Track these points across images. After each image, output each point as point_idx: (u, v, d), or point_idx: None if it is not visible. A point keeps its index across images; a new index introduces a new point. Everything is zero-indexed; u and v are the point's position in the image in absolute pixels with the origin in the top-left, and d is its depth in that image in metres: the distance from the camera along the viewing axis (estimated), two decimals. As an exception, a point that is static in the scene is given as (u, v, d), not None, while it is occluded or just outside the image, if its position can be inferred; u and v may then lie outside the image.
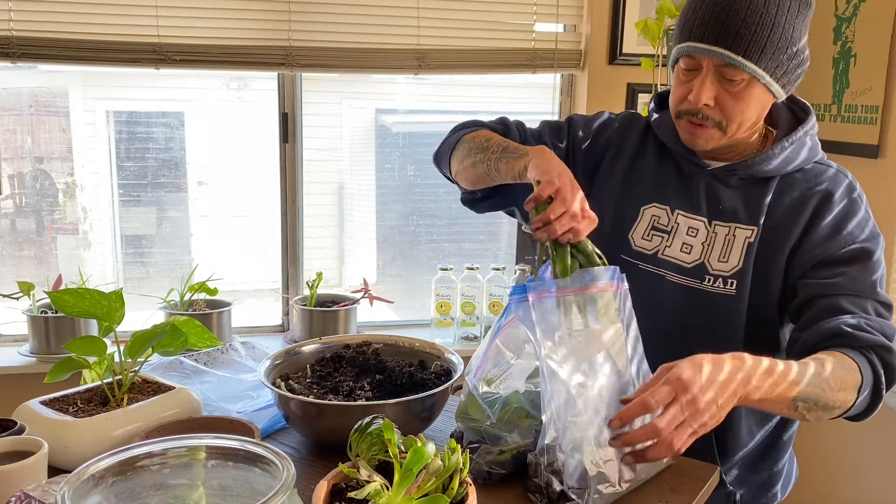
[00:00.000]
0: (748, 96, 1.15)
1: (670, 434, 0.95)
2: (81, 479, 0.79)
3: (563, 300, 1.05)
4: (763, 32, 1.11)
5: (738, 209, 1.24)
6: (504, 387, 1.08)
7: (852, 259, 1.19)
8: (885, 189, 2.18)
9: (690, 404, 0.95)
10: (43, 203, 2.53)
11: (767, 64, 1.13)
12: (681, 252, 1.27)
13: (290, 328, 2.61)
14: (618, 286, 1.10)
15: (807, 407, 1.07)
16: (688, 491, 1.08)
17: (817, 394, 1.06)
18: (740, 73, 1.13)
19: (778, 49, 1.12)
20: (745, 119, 1.18)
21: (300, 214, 2.57)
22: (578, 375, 1.02)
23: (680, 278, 1.26)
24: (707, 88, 1.15)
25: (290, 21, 2.31)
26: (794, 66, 1.17)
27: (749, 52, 1.11)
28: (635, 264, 1.29)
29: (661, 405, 0.95)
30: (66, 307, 1.20)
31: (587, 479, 0.99)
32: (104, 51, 2.21)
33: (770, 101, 1.20)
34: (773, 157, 1.23)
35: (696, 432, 0.97)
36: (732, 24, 1.11)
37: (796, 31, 1.14)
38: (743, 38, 1.11)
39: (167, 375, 1.42)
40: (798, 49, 1.15)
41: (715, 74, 1.15)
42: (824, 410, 1.09)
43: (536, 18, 2.48)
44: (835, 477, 2.46)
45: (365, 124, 2.80)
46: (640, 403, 0.96)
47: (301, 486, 1.02)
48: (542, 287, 1.03)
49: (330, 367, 1.31)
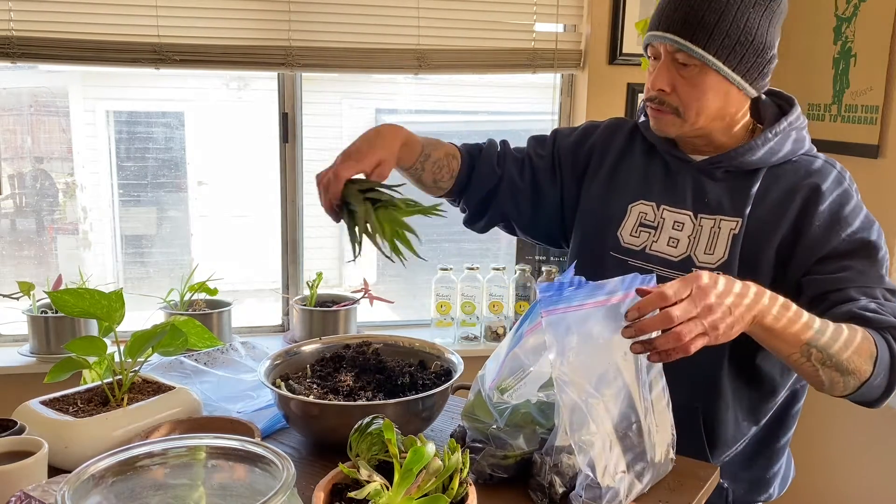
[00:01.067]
0: (702, 82, 1.20)
1: (682, 326, 0.95)
2: (81, 479, 0.79)
3: (582, 313, 1.02)
4: (710, 17, 1.16)
5: (723, 201, 1.26)
6: (517, 395, 1.07)
7: (856, 251, 1.19)
8: (885, 189, 2.18)
9: (703, 299, 0.97)
10: (43, 203, 2.53)
11: (719, 50, 1.17)
12: (668, 246, 1.29)
13: (290, 328, 2.61)
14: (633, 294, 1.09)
15: (820, 358, 1.06)
16: (688, 491, 1.08)
17: (831, 346, 1.06)
18: (691, 58, 1.18)
19: (729, 36, 1.17)
20: (702, 106, 1.21)
21: (300, 214, 2.57)
22: (592, 392, 1.01)
23: (668, 272, 1.27)
24: (662, 74, 1.22)
25: (290, 21, 2.31)
26: (753, 56, 1.19)
27: (696, 37, 1.17)
28: (625, 261, 1.32)
29: (677, 298, 0.96)
30: (66, 307, 1.20)
31: (600, 494, 0.99)
32: (104, 51, 2.21)
33: (736, 93, 1.23)
34: (756, 148, 1.24)
35: (706, 333, 0.97)
36: (683, 11, 1.18)
37: (751, 21, 1.18)
38: (691, 25, 1.17)
39: (167, 375, 1.42)
40: (756, 40, 1.19)
41: (670, 61, 1.21)
42: (839, 371, 1.08)
43: (536, 18, 2.48)
44: (832, 475, 2.46)
45: (365, 124, 2.79)
46: (657, 294, 0.96)
47: (301, 486, 1.02)
48: (560, 301, 1.01)
49: (330, 367, 1.31)
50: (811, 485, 2.54)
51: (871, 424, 2.30)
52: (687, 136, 1.28)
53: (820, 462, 2.49)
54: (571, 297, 1.00)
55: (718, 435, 1.29)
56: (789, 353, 1.07)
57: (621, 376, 1.04)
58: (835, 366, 1.08)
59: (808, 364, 1.07)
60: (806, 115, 2.43)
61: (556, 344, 0.98)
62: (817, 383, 1.12)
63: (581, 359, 1.00)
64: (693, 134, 1.27)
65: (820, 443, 2.49)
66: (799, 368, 1.10)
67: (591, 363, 1.01)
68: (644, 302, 0.97)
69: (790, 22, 2.56)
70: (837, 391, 1.12)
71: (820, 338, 1.06)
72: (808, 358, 1.07)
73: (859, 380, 1.10)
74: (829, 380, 1.09)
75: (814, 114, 2.43)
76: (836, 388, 1.11)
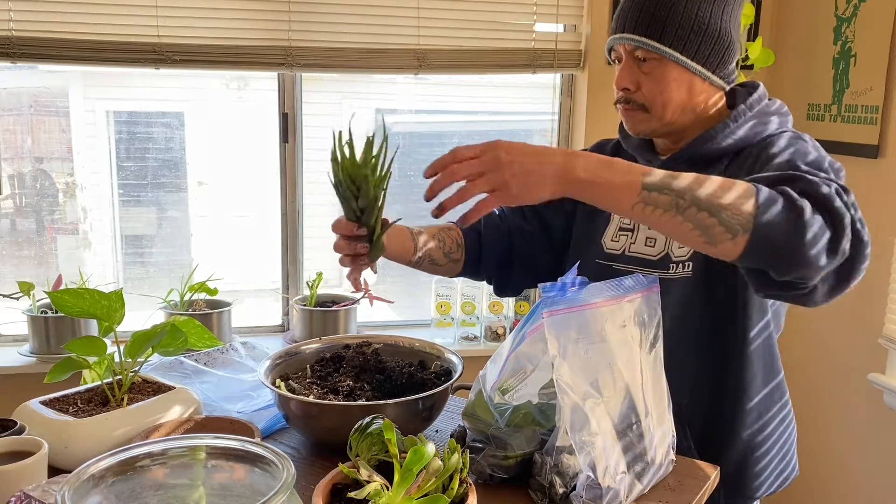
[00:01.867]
0: (663, 75, 1.23)
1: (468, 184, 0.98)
2: (81, 479, 0.79)
3: (584, 314, 1.02)
4: (662, 12, 1.21)
5: None
6: (518, 396, 1.08)
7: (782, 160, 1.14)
8: (885, 189, 2.18)
9: (494, 158, 0.97)
10: (43, 203, 2.53)
11: (674, 42, 1.21)
12: (645, 246, 1.31)
13: (290, 328, 2.61)
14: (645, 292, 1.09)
15: (670, 201, 0.97)
16: (688, 491, 1.08)
17: (681, 186, 0.97)
18: (650, 53, 1.22)
19: (682, 27, 1.20)
20: (667, 99, 1.24)
21: (300, 214, 2.57)
22: (592, 393, 1.01)
23: (649, 272, 1.28)
24: (625, 73, 1.25)
25: (290, 21, 2.31)
26: (709, 44, 1.22)
27: (650, 31, 1.21)
28: (609, 265, 1.34)
29: (466, 156, 0.99)
30: (66, 307, 1.20)
31: (600, 494, 0.99)
32: (104, 51, 2.21)
33: (700, 83, 1.25)
34: (714, 136, 1.25)
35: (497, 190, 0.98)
36: (636, 11, 1.23)
37: (703, 10, 1.21)
38: (644, 21, 1.22)
39: (167, 375, 1.42)
40: (710, 29, 1.21)
41: (631, 60, 1.25)
42: (706, 211, 0.97)
43: (536, 18, 2.48)
44: (829, 472, 2.46)
45: (365, 124, 2.80)
46: (450, 153, 1.00)
47: (301, 486, 1.02)
48: (562, 301, 1.01)
49: (330, 367, 1.31)
50: (808, 483, 2.54)
51: (868, 421, 2.30)
52: (660, 132, 1.30)
53: (817, 459, 2.49)
54: (574, 298, 1.00)
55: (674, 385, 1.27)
56: (631, 203, 0.98)
57: (622, 377, 1.04)
58: (693, 203, 0.97)
59: (661, 214, 0.98)
60: (806, 115, 2.45)
61: (558, 344, 0.98)
62: (693, 239, 1.00)
63: (582, 359, 1.00)
64: (665, 130, 1.29)
65: (816, 438, 2.49)
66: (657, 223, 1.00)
67: (593, 364, 1.02)
68: (437, 160, 1.00)
69: (790, 22, 2.57)
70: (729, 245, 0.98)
71: (663, 180, 0.98)
72: (656, 205, 0.97)
73: (743, 216, 0.96)
74: (703, 227, 0.97)
75: (814, 114, 2.43)
76: (722, 237, 0.98)
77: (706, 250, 1.02)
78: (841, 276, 1.04)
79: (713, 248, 1.00)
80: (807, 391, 2.53)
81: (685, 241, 1.03)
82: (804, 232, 0.96)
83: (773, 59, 2.20)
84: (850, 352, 2.36)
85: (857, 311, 2.32)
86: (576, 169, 0.98)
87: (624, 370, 1.04)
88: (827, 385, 2.46)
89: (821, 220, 0.98)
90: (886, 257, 2.17)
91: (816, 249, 0.97)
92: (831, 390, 2.44)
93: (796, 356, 2.57)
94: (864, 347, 2.29)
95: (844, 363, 2.38)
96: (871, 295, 2.26)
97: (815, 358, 2.50)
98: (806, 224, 0.96)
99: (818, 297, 1.06)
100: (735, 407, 1.29)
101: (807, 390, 2.53)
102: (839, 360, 2.41)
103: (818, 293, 1.05)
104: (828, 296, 1.07)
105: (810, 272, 0.99)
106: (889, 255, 2.16)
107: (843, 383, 2.39)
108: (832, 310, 2.40)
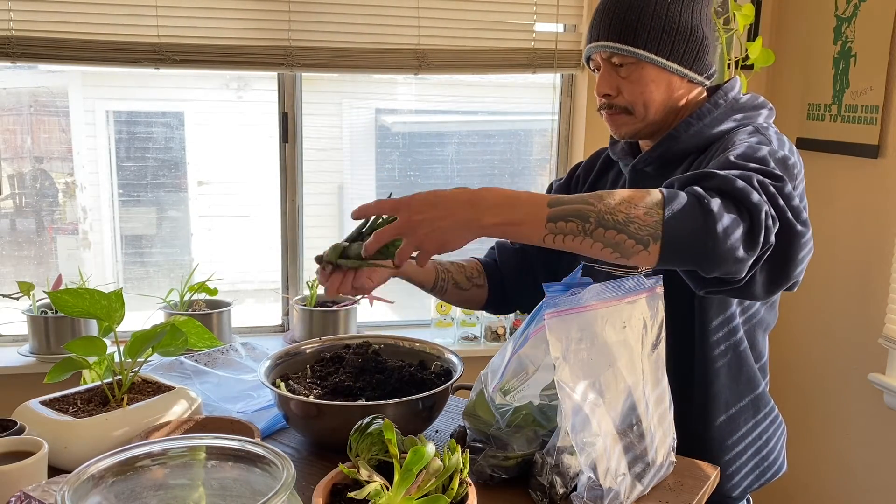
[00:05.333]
0: (641, 77, 1.25)
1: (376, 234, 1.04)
2: (81, 479, 0.79)
3: (585, 315, 1.02)
4: (632, 16, 1.23)
5: None
6: (519, 397, 1.08)
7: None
8: (885, 189, 2.18)
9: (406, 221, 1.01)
10: (43, 203, 2.53)
11: (647, 43, 1.23)
12: None
13: (290, 328, 2.61)
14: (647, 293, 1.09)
15: (576, 227, 0.98)
16: (688, 491, 1.08)
17: (585, 210, 0.98)
18: (625, 57, 1.24)
19: (653, 28, 1.23)
20: (648, 99, 1.26)
21: (300, 214, 2.57)
22: (594, 394, 1.01)
23: (622, 271, 1.31)
24: (604, 80, 1.28)
25: (290, 21, 2.31)
26: (683, 42, 1.24)
27: (623, 37, 1.24)
28: (591, 265, 1.36)
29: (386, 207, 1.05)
30: (66, 307, 1.20)
31: (601, 495, 0.99)
32: (104, 51, 2.21)
33: (679, 81, 1.26)
34: (677, 135, 1.27)
35: (415, 246, 1.01)
36: (608, 19, 1.26)
37: (672, 10, 1.23)
38: (616, 28, 1.24)
39: (167, 376, 1.43)
40: (681, 27, 1.23)
41: (609, 67, 1.28)
42: (613, 229, 0.98)
43: (536, 18, 2.48)
44: (829, 473, 2.46)
45: (365, 124, 2.80)
46: (374, 203, 1.05)
47: (301, 486, 1.02)
48: (564, 302, 1.00)
49: (330, 367, 1.31)
50: (798, 478, 2.54)
51: (866, 419, 2.30)
52: (644, 133, 1.31)
53: (820, 460, 2.49)
54: (575, 299, 1.00)
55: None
56: (541, 236, 1.00)
57: (624, 378, 1.04)
58: (599, 224, 0.98)
59: (571, 240, 0.99)
60: (806, 115, 2.45)
61: (560, 346, 0.98)
62: (608, 256, 1.01)
63: (584, 360, 1.00)
64: (650, 130, 1.30)
65: (812, 435, 2.49)
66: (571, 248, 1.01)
67: (594, 365, 1.01)
68: (362, 207, 1.07)
69: (790, 22, 2.57)
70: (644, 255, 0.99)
71: (566, 207, 0.99)
72: (564, 233, 0.98)
73: (650, 226, 0.98)
74: (613, 244, 0.99)
75: (814, 114, 2.43)
76: (634, 250, 0.99)
77: (620, 262, 1.04)
78: (776, 266, 1.05)
79: (628, 262, 1.02)
80: (807, 391, 2.53)
81: (603, 259, 1.03)
82: (714, 228, 0.97)
83: (773, 59, 2.20)
84: (850, 352, 2.36)
85: (857, 311, 2.32)
86: (483, 217, 0.99)
87: (625, 371, 1.04)
88: (827, 385, 2.46)
89: (734, 215, 0.99)
90: (886, 257, 2.17)
91: (730, 243, 0.98)
92: (831, 390, 2.44)
93: (796, 356, 2.57)
94: (864, 347, 2.29)
95: (844, 363, 2.38)
96: (871, 295, 2.26)
97: (816, 358, 2.50)
98: (715, 220, 0.97)
99: (757, 289, 1.07)
100: (704, 397, 1.28)
101: (807, 390, 2.53)
102: (839, 360, 2.41)
103: (756, 286, 1.06)
104: (768, 287, 1.07)
105: (732, 266, 0.99)
106: (889, 255, 2.16)
107: (843, 383, 2.39)
108: (832, 310, 2.41)
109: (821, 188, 2.43)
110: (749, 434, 1.32)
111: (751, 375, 1.31)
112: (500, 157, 2.81)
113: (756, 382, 1.32)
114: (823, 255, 2.43)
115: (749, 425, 1.32)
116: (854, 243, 2.32)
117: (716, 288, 1.07)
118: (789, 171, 1.13)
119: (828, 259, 2.40)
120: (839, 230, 2.37)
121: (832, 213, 2.39)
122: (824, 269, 2.43)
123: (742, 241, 0.99)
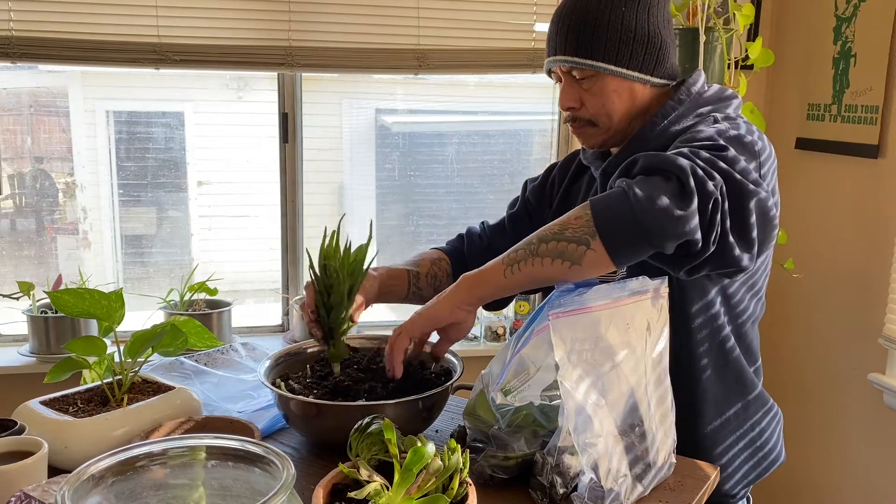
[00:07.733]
0: (602, 89, 1.24)
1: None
2: (81, 479, 0.79)
3: (589, 316, 1.02)
4: (586, 30, 1.22)
5: None
6: (520, 398, 1.08)
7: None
8: (885, 189, 2.18)
9: (399, 328, 1.18)
10: (43, 203, 2.53)
11: (604, 55, 1.22)
12: None
13: (290, 328, 2.61)
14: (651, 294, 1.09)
15: (525, 252, 1.06)
16: (688, 491, 1.08)
17: (529, 237, 1.07)
18: (584, 71, 1.23)
19: (609, 39, 1.21)
20: (611, 110, 1.25)
21: (300, 214, 2.57)
22: (596, 394, 1.01)
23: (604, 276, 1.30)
24: (566, 93, 1.27)
25: (290, 21, 2.31)
26: (641, 49, 1.23)
27: (579, 50, 1.23)
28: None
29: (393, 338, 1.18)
30: (66, 307, 1.20)
31: (602, 495, 0.99)
32: (104, 51, 2.21)
33: (641, 88, 1.25)
34: (644, 136, 1.26)
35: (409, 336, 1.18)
36: (563, 34, 1.24)
37: (626, 18, 1.22)
38: (571, 42, 1.23)
39: (167, 376, 1.42)
40: (637, 35, 1.22)
41: (570, 80, 1.27)
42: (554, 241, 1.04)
43: (536, 18, 2.48)
44: (829, 472, 2.46)
45: (365, 124, 2.80)
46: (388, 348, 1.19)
47: (301, 486, 1.02)
48: (567, 303, 1.01)
49: (330, 367, 1.31)
50: (811, 482, 2.54)
51: (864, 418, 2.30)
52: (613, 142, 1.31)
53: (820, 460, 2.49)
54: (579, 300, 1.00)
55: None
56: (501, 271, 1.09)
57: (626, 379, 1.04)
58: (541, 241, 1.05)
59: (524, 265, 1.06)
60: (806, 115, 2.45)
61: (564, 346, 0.98)
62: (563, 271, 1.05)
63: (587, 361, 1.00)
64: (618, 138, 1.30)
65: (819, 440, 2.49)
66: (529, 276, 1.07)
67: (597, 366, 1.02)
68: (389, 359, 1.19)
69: (790, 22, 2.57)
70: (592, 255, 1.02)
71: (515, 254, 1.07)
72: (517, 261, 1.07)
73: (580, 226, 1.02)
74: (557, 254, 1.04)
75: (814, 114, 2.43)
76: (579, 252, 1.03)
77: (582, 275, 1.04)
78: (737, 225, 1.04)
79: (582, 269, 1.03)
80: (807, 391, 2.53)
81: (561, 278, 1.05)
82: (637, 198, 0.99)
83: (773, 59, 2.19)
84: (850, 352, 2.36)
85: (857, 311, 2.32)
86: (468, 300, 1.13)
87: (628, 372, 1.04)
88: (827, 385, 2.46)
89: (657, 180, 1.01)
90: (886, 257, 2.17)
91: (660, 205, 0.98)
92: (831, 390, 2.44)
93: (796, 356, 2.57)
94: (864, 347, 2.29)
95: (844, 363, 2.38)
96: (871, 295, 2.26)
97: (816, 358, 2.50)
98: (636, 193, 0.99)
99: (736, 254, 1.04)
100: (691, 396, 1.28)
101: (807, 390, 2.53)
102: (839, 360, 2.41)
103: (734, 251, 1.04)
104: (742, 247, 1.05)
105: (676, 227, 0.99)
106: (889, 255, 2.16)
107: (843, 383, 2.39)
108: (832, 310, 2.41)
109: (821, 188, 2.43)
110: (742, 427, 1.32)
111: (741, 374, 1.30)
112: (500, 157, 2.81)
113: (751, 387, 1.31)
114: (823, 255, 2.43)
115: (744, 427, 1.32)
116: (854, 243, 2.32)
117: (692, 264, 1.05)
118: (746, 147, 1.12)
119: (828, 259, 2.40)
120: (839, 230, 2.37)
121: (832, 213, 2.39)
122: (824, 270, 2.43)
123: (673, 199, 0.99)
